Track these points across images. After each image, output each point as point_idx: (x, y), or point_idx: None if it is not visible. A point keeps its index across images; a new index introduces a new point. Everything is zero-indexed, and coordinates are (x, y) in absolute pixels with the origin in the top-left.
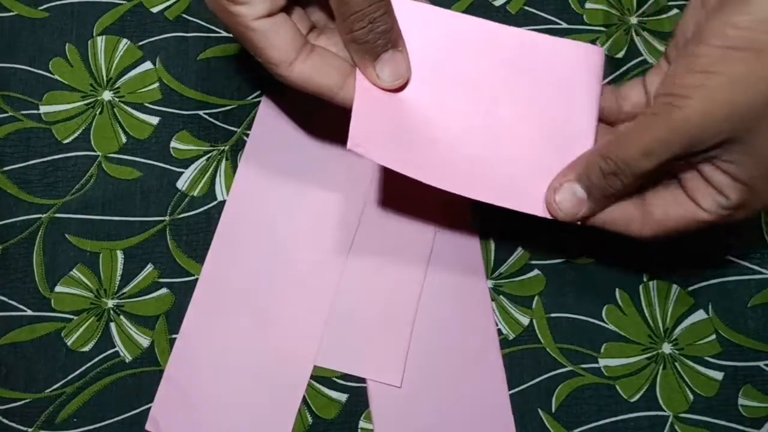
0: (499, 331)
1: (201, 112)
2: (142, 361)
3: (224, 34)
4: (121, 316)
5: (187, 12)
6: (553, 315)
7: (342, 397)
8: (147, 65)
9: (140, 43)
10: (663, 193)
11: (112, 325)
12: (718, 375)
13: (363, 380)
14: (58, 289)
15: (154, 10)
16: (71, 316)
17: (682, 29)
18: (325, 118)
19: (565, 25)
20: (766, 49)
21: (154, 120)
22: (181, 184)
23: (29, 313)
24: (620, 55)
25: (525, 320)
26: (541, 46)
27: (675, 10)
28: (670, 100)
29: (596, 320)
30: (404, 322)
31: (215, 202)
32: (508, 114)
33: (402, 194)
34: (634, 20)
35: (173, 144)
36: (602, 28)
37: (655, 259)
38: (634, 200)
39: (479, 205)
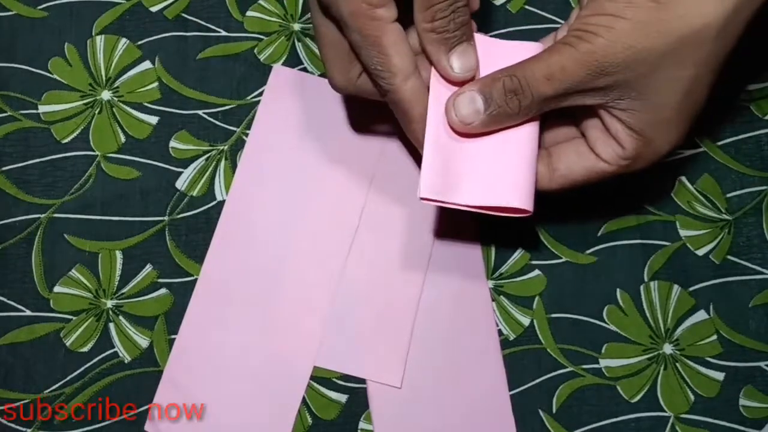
0: (500, 332)
1: (200, 112)
2: (142, 362)
3: (224, 33)
4: (120, 317)
5: (187, 11)
6: (553, 315)
7: (342, 397)
8: (146, 65)
9: (139, 43)
10: (566, 148)
11: (111, 326)
12: (719, 375)
13: (363, 381)
14: (57, 289)
15: (153, 9)
16: (70, 317)
17: None
18: (325, 119)
19: None
20: (666, 1)
21: (153, 120)
22: (181, 184)
23: (28, 313)
24: None
25: (525, 321)
26: (493, 49)
27: None
28: (579, 34)
29: (597, 321)
30: (404, 322)
31: (214, 202)
32: None
33: (402, 192)
34: None
35: (172, 144)
36: None
37: (656, 259)
38: (540, 158)
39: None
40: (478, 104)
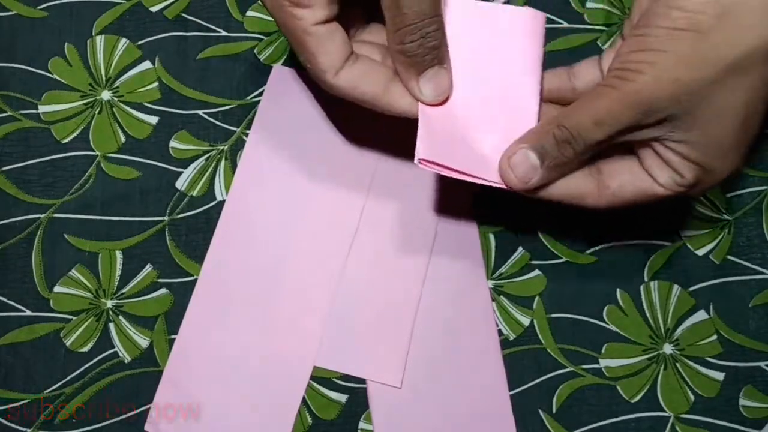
0: (500, 332)
1: (200, 112)
2: (141, 362)
3: (224, 33)
4: (120, 317)
5: (186, 11)
6: (553, 315)
7: (342, 397)
8: (146, 65)
9: (139, 43)
10: (619, 165)
11: (111, 326)
12: (719, 375)
13: (363, 381)
14: (57, 289)
15: (153, 9)
16: (70, 317)
17: (637, 8)
18: (324, 118)
19: (565, 24)
20: (708, 30)
21: (153, 120)
22: (181, 184)
23: (28, 313)
24: None
25: (525, 321)
26: (486, 13)
27: None
28: (622, 74)
29: (597, 320)
30: (404, 322)
31: (214, 202)
32: (475, 88)
33: (402, 193)
34: None
35: (172, 144)
36: (603, 28)
37: (656, 260)
38: (589, 173)
39: (480, 204)
40: (533, 160)
